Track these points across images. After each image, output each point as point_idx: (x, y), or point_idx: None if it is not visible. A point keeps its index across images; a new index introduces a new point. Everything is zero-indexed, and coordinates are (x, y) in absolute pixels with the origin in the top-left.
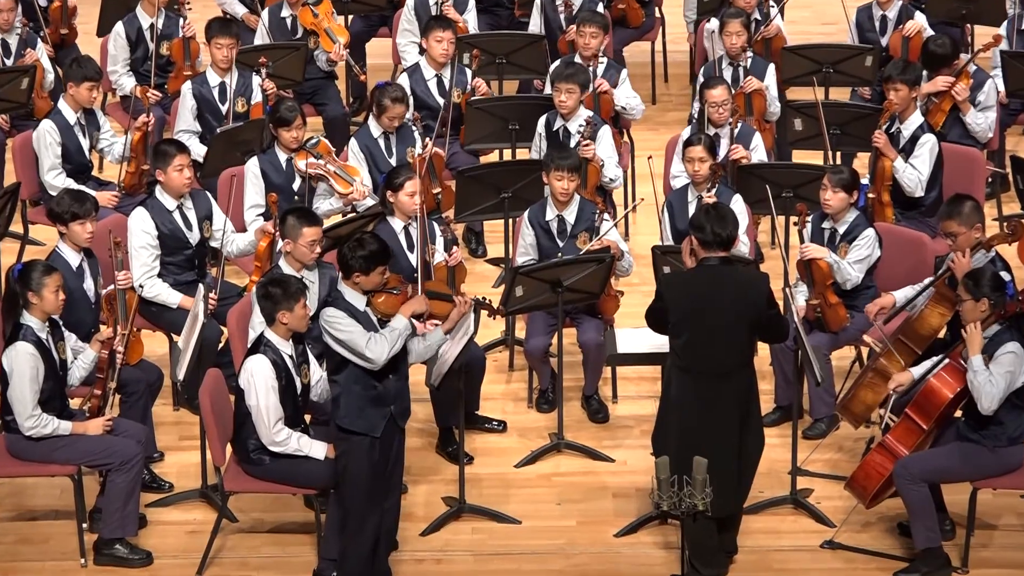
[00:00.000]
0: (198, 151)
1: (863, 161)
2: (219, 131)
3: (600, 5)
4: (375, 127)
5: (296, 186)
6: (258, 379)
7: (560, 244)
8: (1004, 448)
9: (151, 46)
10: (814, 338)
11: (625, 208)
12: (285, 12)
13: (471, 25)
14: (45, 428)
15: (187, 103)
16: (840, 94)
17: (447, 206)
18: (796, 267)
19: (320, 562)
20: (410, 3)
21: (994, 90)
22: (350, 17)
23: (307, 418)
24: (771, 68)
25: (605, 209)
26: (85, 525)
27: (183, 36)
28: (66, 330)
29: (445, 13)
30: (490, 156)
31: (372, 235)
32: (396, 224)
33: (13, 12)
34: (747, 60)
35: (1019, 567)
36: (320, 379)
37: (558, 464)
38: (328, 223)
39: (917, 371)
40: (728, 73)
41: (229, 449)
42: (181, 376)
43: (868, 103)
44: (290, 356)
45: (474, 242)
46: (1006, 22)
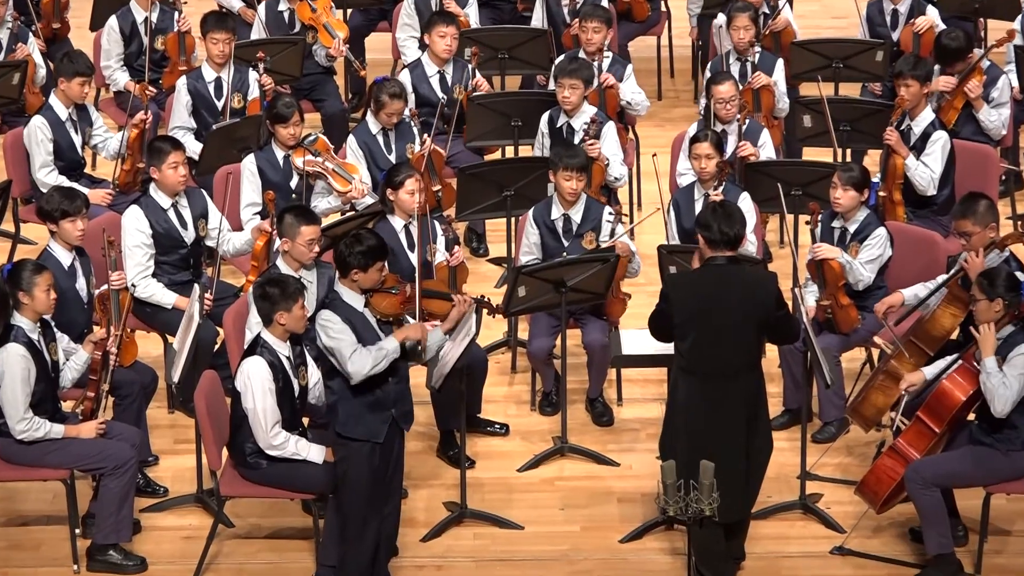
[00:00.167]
0: (193, 148)
1: (874, 158)
2: (215, 127)
3: None
4: (373, 123)
5: (294, 184)
6: (255, 381)
7: (565, 244)
8: (1018, 452)
9: (145, 40)
10: (824, 339)
11: (632, 211)
12: (283, 6)
13: (472, 19)
14: (37, 431)
15: (182, 99)
16: (850, 90)
17: (448, 204)
18: (807, 267)
19: (319, 568)
20: None
21: (1008, 86)
22: (348, 11)
23: (305, 421)
24: (780, 63)
25: (621, 212)
26: (78, 531)
27: (178, 30)
28: (58, 331)
29: (447, 7)
30: (494, 154)
31: (369, 231)
32: (396, 223)
33: (4, 6)
34: (755, 55)
35: None
36: (318, 381)
37: (562, 468)
38: (327, 222)
39: (929, 371)
40: (736, 68)
41: (225, 453)
42: (176, 378)
43: (879, 99)
44: (287, 358)
45: (476, 241)
46: (1020, 16)
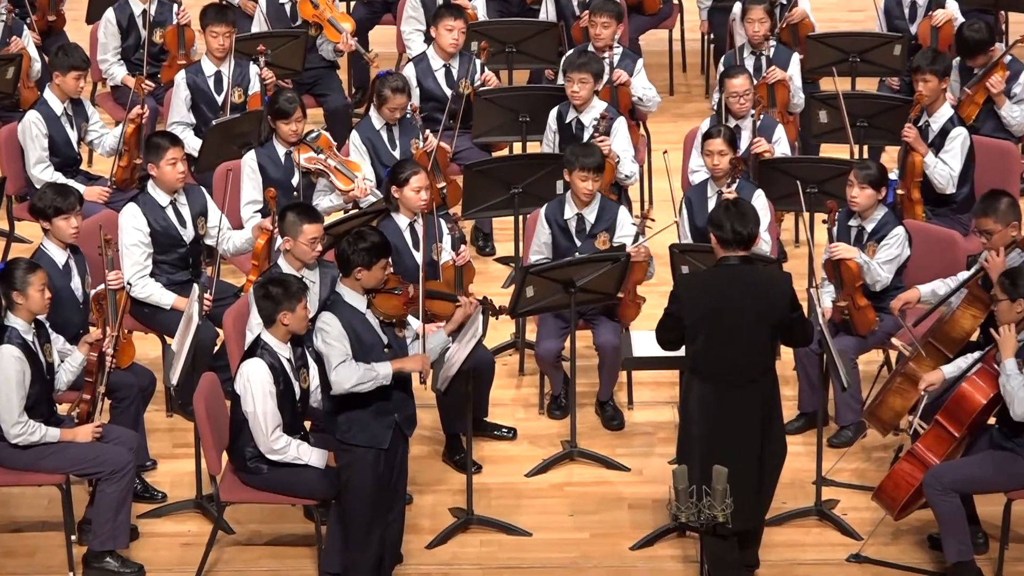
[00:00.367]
0: (192, 144)
1: (891, 155)
2: (214, 123)
3: None
4: (377, 119)
5: (295, 181)
6: (255, 384)
7: (578, 243)
8: None
9: (143, 34)
10: (840, 341)
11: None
12: None
13: (480, 12)
14: (32, 435)
15: (181, 94)
16: (867, 84)
17: (453, 202)
18: (823, 267)
19: None
20: None
21: None
22: (352, 4)
23: (307, 425)
24: (795, 57)
25: (647, 217)
26: (74, 537)
27: (177, 23)
28: (53, 332)
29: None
30: (501, 150)
31: (372, 228)
32: (401, 221)
33: None
34: (770, 49)
35: None
36: (320, 383)
37: (571, 473)
38: (329, 220)
39: (948, 371)
40: (750, 62)
41: (225, 457)
42: (175, 380)
43: (896, 94)
44: (288, 360)
45: (482, 240)
46: None
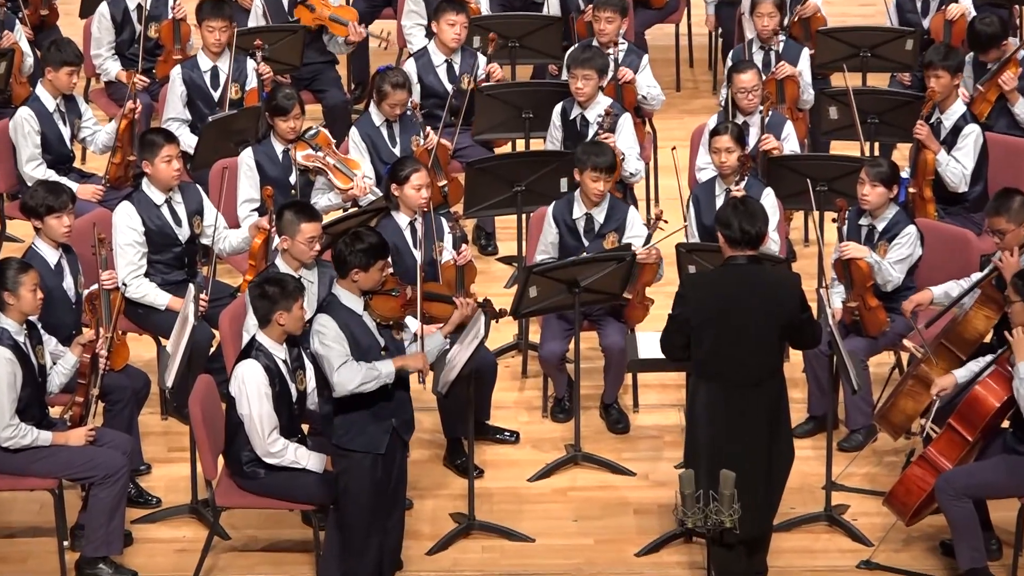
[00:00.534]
0: (188, 141)
1: (903, 153)
2: (211, 119)
3: None
4: (376, 115)
5: (293, 179)
6: (249, 386)
7: (586, 243)
8: None
9: (138, 28)
10: (850, 343)
11: (648, 208)
12: None
13: (483, 6)
14: (23, 439)
15: (176, 89)
16: (878, 80)
17: (454, 200)
18: (833, 267)
19: None
20: None
21: None
22: None
23: (305, 428)
24: (805, 53)
25: (660, 217)
26: (66, 543)
27: (172, 17)
28: (45, 333)
29: None
30: (504, 147)
31: (369, 228)
32: (401, 219)
33: None
34: (779, 44)
35: None
36: (316, 386)
37: (575, 478)
38: (328, 218)
39: (961, 374)
40: (759, 57)
41: (221, 461)
42: (170, 383)
43: (908, 90)
44: (284, 361)
45: (484, 239)
46: None
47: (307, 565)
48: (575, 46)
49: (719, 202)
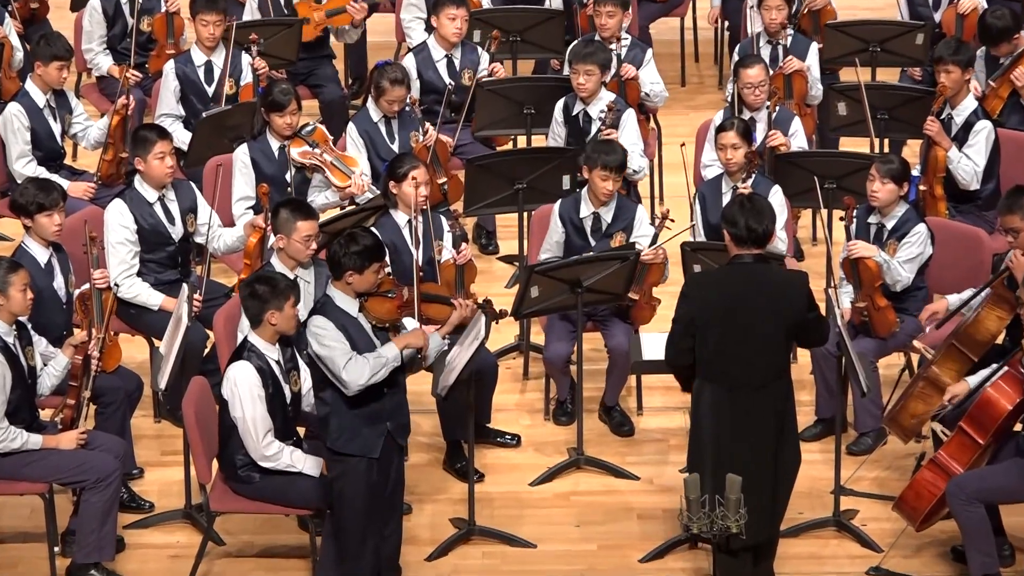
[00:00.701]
0: (181, 137)
1: (913, 149)
2: (205, 115)
3: None
4: (374, 111)
5: (289, 176)
6: (242, 388)
7: (592, 243)
8: None
9: (130, 21)
10: (859, 344)
11: (653, 206)
12: None
13: (484, 0)
14: (13, 442)
15: (169, 84)
16: (888, 75)
17: (454, 198)
18: (841, 266)
19: None
20: None
21: None
22: None
23: (301, 431)
24: (814, 47)
25: (667, 216)
26: (57, 549)
27: (166, 11)
28: (35, 334)
29: None
30: (505, 144)
31: (365, 229)
32: (399, 218)
33: None
34: (787, 38)
35: None
36: (312, 388)
37: (577, 482)
38: (325, 217)
39: (974, 380)
40: (766, 51)
41: (215, 465)
42: (163, 385)
43: (919, 85)
44: (277, 362)
45: (485, 238)
46: None
47: (303, 571)
48: (577, 41)
49: (725, 200)
